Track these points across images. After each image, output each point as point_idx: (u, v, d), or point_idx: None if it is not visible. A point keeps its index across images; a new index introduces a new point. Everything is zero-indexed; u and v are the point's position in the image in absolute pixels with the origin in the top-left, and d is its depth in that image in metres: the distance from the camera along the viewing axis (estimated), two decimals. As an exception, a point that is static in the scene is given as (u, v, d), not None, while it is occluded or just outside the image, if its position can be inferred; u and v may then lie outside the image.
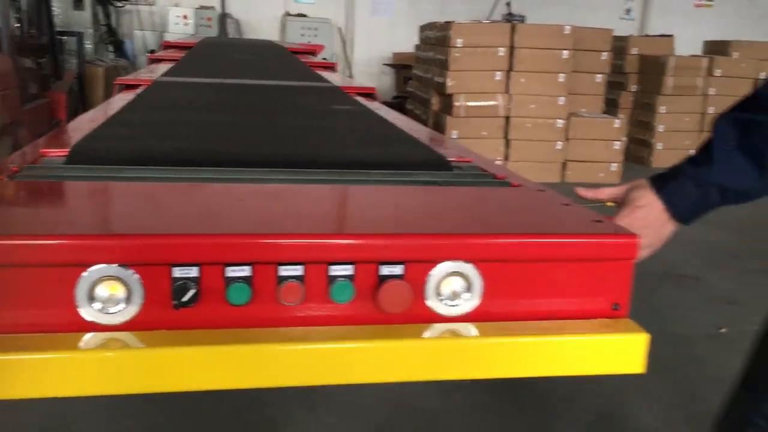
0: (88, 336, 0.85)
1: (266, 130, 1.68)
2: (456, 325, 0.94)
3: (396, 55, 10.34)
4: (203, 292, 0.88)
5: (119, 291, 0.86)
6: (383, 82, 10.59)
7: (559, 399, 2.79)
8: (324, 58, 5.57)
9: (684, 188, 1.13)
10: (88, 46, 7.85)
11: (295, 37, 9.51)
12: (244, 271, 0.89)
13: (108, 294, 0.86)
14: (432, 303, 0.94)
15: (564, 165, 7.18)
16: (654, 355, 0.99)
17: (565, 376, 0.90)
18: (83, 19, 7.99)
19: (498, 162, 1.26)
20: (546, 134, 7.04)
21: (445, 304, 0.94)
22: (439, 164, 1.35)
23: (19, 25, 6.03)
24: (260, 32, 10.08)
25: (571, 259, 0.96)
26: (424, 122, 7.62)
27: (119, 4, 8.88)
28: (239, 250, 0.88)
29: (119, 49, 8.69)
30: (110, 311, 0.86)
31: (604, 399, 2.80)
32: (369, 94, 2.71)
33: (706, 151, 1.14)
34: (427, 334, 0.92)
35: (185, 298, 0.86)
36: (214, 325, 0.89)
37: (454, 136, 6.95)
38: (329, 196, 1.17)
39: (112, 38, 8.57)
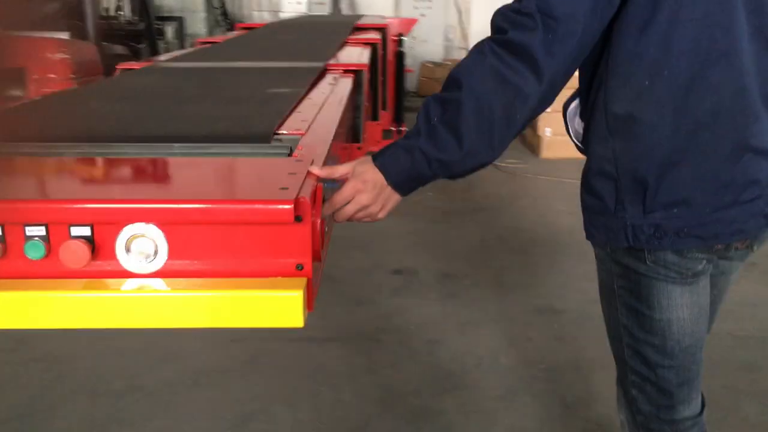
0: None
1: (166, 112, 1.81)
2: (141, 280, 1.07)
3: (513, 24, 9.97)
4: None
5: None
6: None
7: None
8: (403, 37, 5.42)
9: (395, 156, 1.23)
10: (203, 29, 8.23)
11: (408, 11, 9.43)
12: None
13: None
14: (123, 261, 1.06)
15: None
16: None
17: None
18: (195, 3, 8.38)
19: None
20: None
21: (136, 262, 1.06)
22: (260, 137, 1.44)
23: (121, 13, 6.47)
24: (374, 7, 10.07)
25: (241, 222, 1.05)
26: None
27: (233, -13, 9.24)
28: None
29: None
30: None
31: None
32: (356, 71, 2.66)
33: (416, 126, 1.24)
34: (106, 286, 1.06)
35: None
36: None
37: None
38: (91, 166, 1.31)
39: (227, 20, 8.94)
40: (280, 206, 1.02)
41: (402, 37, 5.19)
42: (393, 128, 5.17)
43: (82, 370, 2.75)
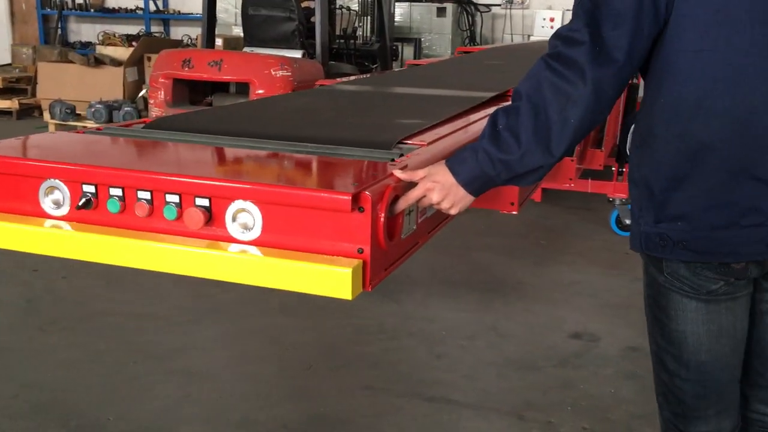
0: (47, 221, 1.47)
1: (317, 120, 2.17)
2: (241, 245, 1.34)
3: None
4: (98, 203, 1.43)
5: (59, 195, 1.46)
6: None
7: None
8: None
9: (463, 158, 1.40)
10: (447, 50, 8.21)
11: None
12: (118, 192, 1.40)
13: (53, 197, 1.46)
14: (230, 229, 1.35)
15: None
16: None
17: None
18: (444, 25, 8.36)
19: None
20: None
21: (239, 230, 1.34)
22: (383, 145, 1.70)
23: (359, 33, 6.62)
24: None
25: (311, 206, 1.29)
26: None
27: (484, 9, 9.08)
28: (113, 178, 1.41)
29: (482, 53, 8.90)
30: (56, 208, 1.47)
31: None
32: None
33: (482, 132, 1.40)
34: (215, 247, 1.34)
35: (80, 204, 1.42)
36: (100, 223, 1.43)
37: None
38: (237, 156, 1.65)
39: (473, 42, 8.82)
40: (339, 196, 1.25)
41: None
42: (614, 168, 4.63)
43: (210, 391, 2.72)
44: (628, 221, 4.70)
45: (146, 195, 1.37)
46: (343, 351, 3.06)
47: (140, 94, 7.99)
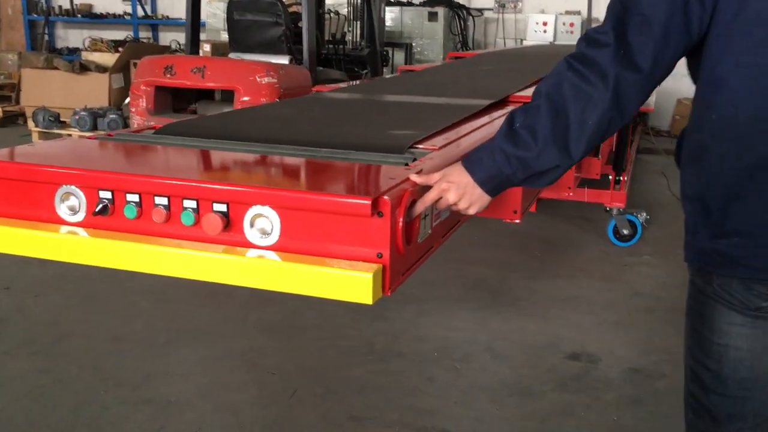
0: (63, 227, 1.47)
1: (325, 125, 2.19)
2: (259, 250, 1.33)
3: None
4: (114, 209, 1.42)
5: (75, 201, 1.46)
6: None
7: None
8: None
9: (479, 157, 1.39)
10: (439, 56, 8.06)
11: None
12: (135, 198, 1.39)
13: (69, 204, 1.47)
14: (248, 234, 1.34)
15: None
16: None
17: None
18: (436, 30, 8.22)
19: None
20: None
21: (257, 235, 1.33)
22: (395, 149, 1.71)
23: (348, 38, 6.47)
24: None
25: (330, 211, 1.28)
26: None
27: (476, 14, 8.94)
28: (130, 185, 1.39)
29: (475, 57, 8.75)
30: (72, 214, 1.47)
31: None
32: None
33: (499, 131, 1.38)
34: (233, 252, 1.32)
35: (97, 210, 1.41)
36: (116, 229, 1.43)
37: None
38: (251, 161, 1.65)
39: (465, 47, 8.68)
40: (359, 201, 1.24)
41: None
42: (611, 176, 4.48)
43: (186, 422, 2.54)
44: (625, 231, 4.55)
45: (163, 201, 1.37)
46: (328, 375, 2.89)
47: (126, 101, 7.80)
